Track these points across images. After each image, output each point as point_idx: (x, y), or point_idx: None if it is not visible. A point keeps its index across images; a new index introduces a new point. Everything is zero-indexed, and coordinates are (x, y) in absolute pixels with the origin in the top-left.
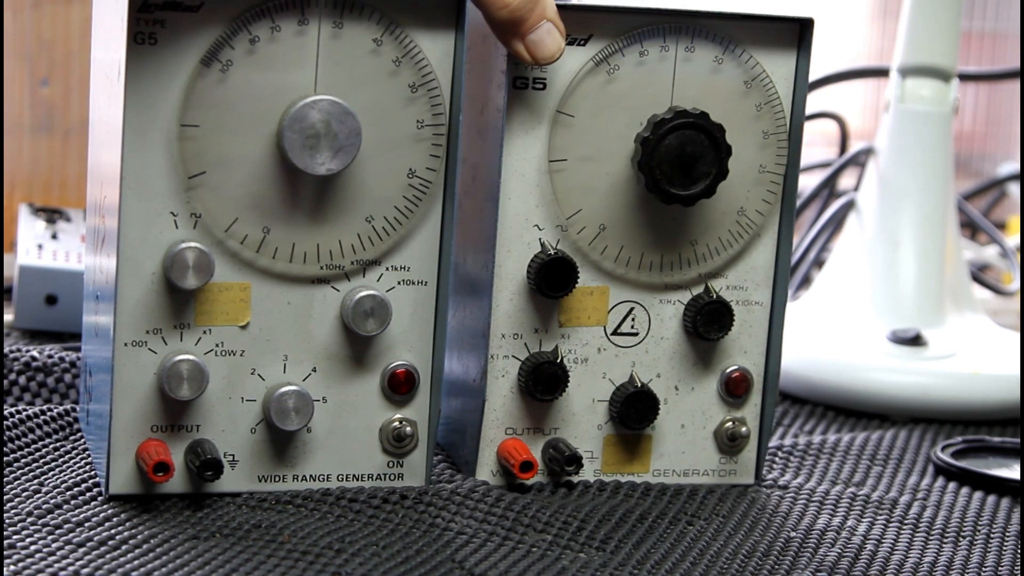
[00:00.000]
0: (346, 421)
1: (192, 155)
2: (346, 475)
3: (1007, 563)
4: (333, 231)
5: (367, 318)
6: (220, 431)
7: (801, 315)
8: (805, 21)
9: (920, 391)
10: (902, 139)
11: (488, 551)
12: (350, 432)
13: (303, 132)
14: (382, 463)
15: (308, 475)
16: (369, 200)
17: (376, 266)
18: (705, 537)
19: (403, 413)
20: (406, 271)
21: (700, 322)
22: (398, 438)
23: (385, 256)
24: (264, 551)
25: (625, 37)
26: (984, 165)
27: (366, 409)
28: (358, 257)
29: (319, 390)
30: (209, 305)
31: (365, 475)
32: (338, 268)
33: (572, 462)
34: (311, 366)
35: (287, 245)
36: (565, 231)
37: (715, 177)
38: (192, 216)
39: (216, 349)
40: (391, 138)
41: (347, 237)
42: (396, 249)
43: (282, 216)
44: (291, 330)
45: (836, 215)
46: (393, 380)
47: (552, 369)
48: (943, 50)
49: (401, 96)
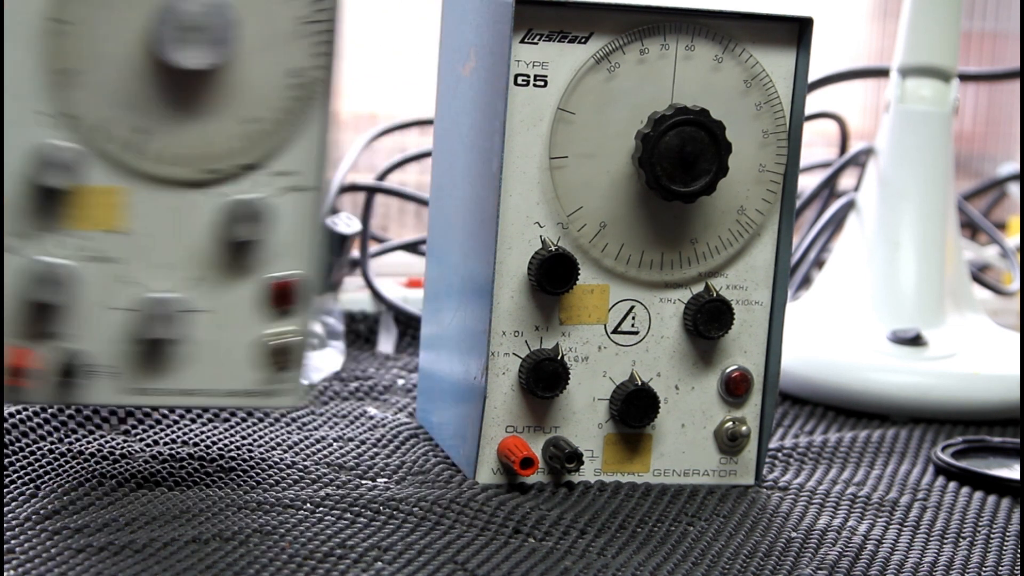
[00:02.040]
0: (225, 333)
1: (62, 52)
2: (222, 390)
3: (1007, 563)
4: (210, 131)
5: (238, 223)
6: (93, 341)
7: (801, 315)
8: (805, 20)
9: (920, 391)
10: (902, 139)
11: (490, 552)
12: (228, 345)
13: (175, 24)
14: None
15: (183, 389)
16: (248, 99)
17: (258, 170)
18: (706, 538)
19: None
20: (291, 176)
21: (700, 321)
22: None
23: (267, 159)
24: (266, 555)
25: (626, 35)
26: (984, 165)
27: (244, 321)
28: (237, 160)
29: (199, 299)
30: (82, 209)
31: (241, 391)
32: (218, 172)
33: (572, 459)
34: (191, 273)
35: (162, 145)
36: (566, 228)
37: (715, 174)
38: (63, 116)
39: (89, 254)
40: (272, 34)
41: (221, 138)
42: (279, 153)
43: (156, 115)
44: (170, 236)
45: (836, 215)
46: (280, 291)
47: (553, 366)
48: (943, 50)
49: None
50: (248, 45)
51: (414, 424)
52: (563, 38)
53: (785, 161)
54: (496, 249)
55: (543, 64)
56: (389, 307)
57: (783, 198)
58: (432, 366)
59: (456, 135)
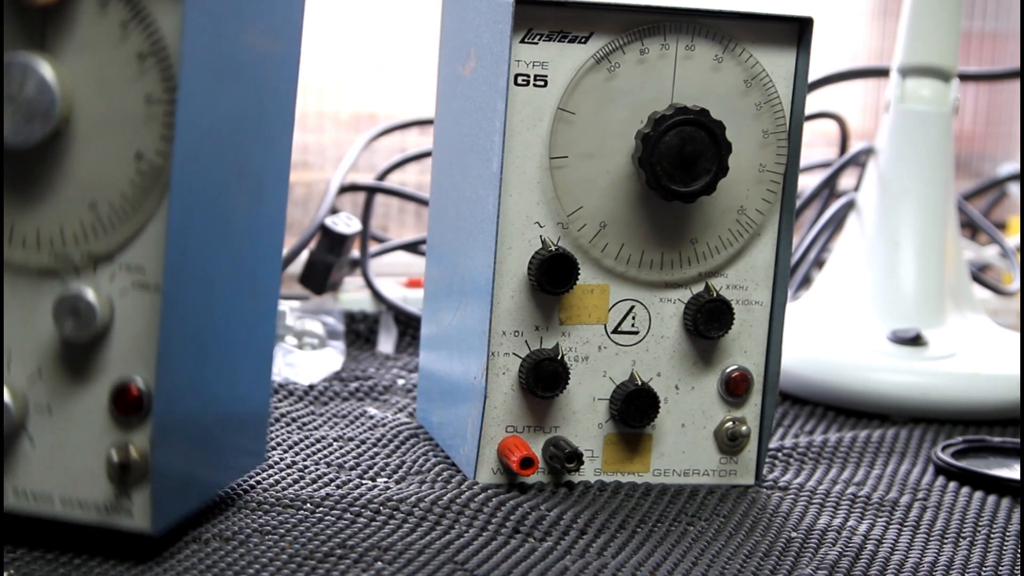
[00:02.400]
0: (70, 436)
1: None
2: (67, 499)
3: (1007, 563)
4: (59, 215)
5: (66, 318)
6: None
7: (801, 315)
8: (804, 20)
9: (920, 391)
10: (902, 139)
11: (490, 552)
12: (73, 450)
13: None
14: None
15: (28, 491)
16: (93, 182)
17: (108, 263)
18: (705, 537)
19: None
20: (137, 272)
21: (700, 320)
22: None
23: (117, 252)
24: (266, 555)
25: (626, 35)
26: (984, 165)
27: (89, 427)
28: (85, 248)
29: (43, 397)
30: None
31: (90, 503)
32: (68, 259)
33: (572, 459)
34: (36, 368)
35: (16, 230)
36: (566, 228)
37: (715, 174)
38: None
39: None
40: (116, 114)
41: (69, 223)
42: (129, 245)
43: (10, 197)
44: (16, 324)
45: (836, 215)
46: (119, 397)
47: (553, 366)
48: (943, 50)
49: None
50: (89, 124)
51: (414, 424)
52: (563, 38)
53: (785, 161)
54: (496, 249)
55: (543, 64)
56: (389, 307)
57: (783, 198)
58: (432, 366)
59: (456, 135)
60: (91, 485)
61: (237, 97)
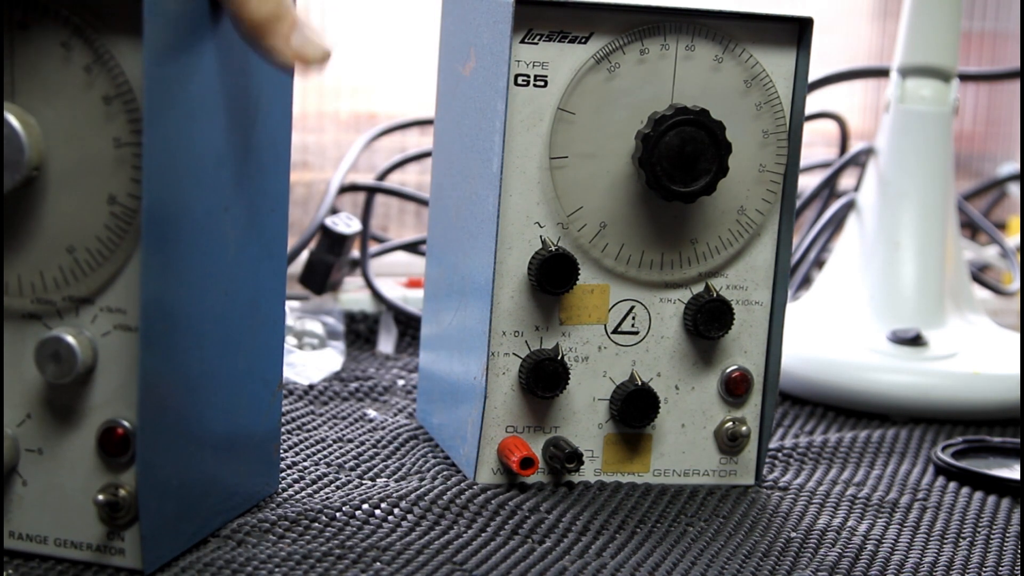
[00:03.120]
0: (61, 478)
1: None
2: (61, 540)
3: (1007, 563)
4: (38, 259)
5: (47, 362)
6: None
7: (801, 315)
8: (805, 20)
9: (920, 391)
10: (902, 139)
11: (489, 553)
12: (65, 492)
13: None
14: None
15: (23, 533)
16: (68, 226)
17: (89, 305)
18: (705, 537)
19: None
20: (117, 314)
21: (700, 320)
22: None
23: (98, 294)
24: (265, 554)
25: (626, 35)
26: (984, 165)
27: (79, 468)
28: (66, 292)
29: (33, 440)
30: None
31: (83, 543)
32: (50, 303)
33: (572, 459)
34: (25, 412)
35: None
36: (566, 228)
37: (715, 174)
38: None
39: None
40: (88, 159)
41: (48, 268)
42: (108, 287)
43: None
44: (3, 368)
45: (836, 215)
46: (106, 438)
47: (553, 366)
48: (943, 50)
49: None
50: (60, 170)
51: (414, 425)
52: (563, 38)
53: (785, 161)
54: (496, 249)
55: (543, 64)
56: (389, 307)
57: (783, 198)
58: (432, 366)
59: (456, 135)
60: (83, 525)
61: (218, 132)
